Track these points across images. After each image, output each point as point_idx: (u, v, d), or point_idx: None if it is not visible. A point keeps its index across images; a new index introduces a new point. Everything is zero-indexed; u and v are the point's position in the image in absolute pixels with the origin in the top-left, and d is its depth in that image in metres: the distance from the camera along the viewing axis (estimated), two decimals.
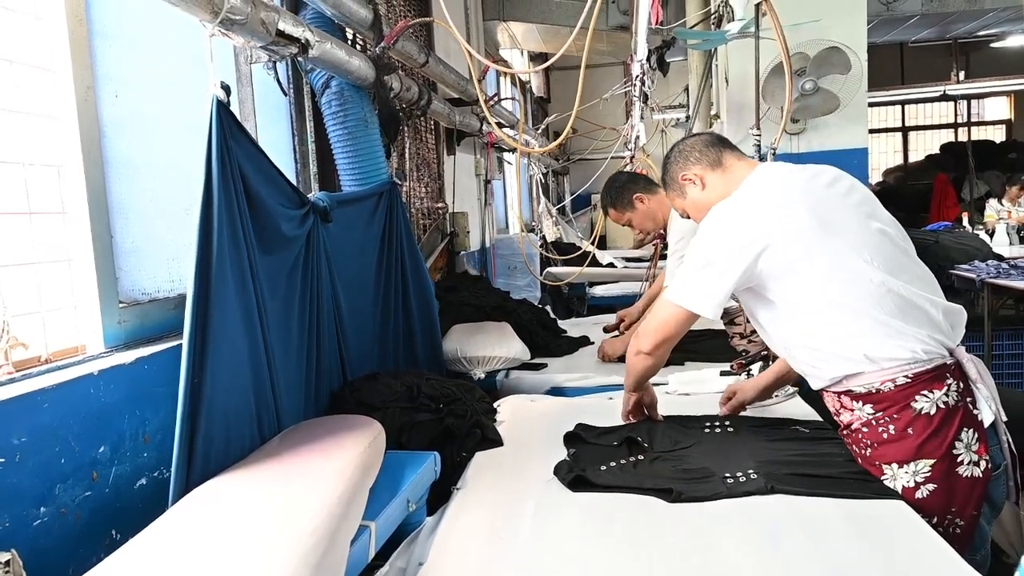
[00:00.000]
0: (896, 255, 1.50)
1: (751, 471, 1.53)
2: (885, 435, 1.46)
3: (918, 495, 1.42)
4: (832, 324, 1.47)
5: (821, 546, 1.28)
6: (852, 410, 1.51)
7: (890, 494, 1.43)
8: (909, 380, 1.42)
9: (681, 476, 1.56)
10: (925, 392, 1.42)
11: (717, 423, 1.87)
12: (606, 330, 3.26)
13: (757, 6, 2.64)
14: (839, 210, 1.51)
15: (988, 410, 1.46)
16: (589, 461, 1.67)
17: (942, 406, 1.42)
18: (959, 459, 1.41)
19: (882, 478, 1.46)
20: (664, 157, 1.81)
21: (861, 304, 1.44)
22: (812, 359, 1.54)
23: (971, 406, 1.45)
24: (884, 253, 1.48)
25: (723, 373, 2.27)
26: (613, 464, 1.65)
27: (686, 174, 1.71)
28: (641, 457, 1.68)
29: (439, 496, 1.70)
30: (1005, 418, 1.48)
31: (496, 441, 1.94)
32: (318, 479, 1.36)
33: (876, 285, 1.44)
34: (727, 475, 1.53)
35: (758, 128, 3.04)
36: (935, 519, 1.41)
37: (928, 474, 1.41)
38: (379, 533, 1.41)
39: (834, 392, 1.55)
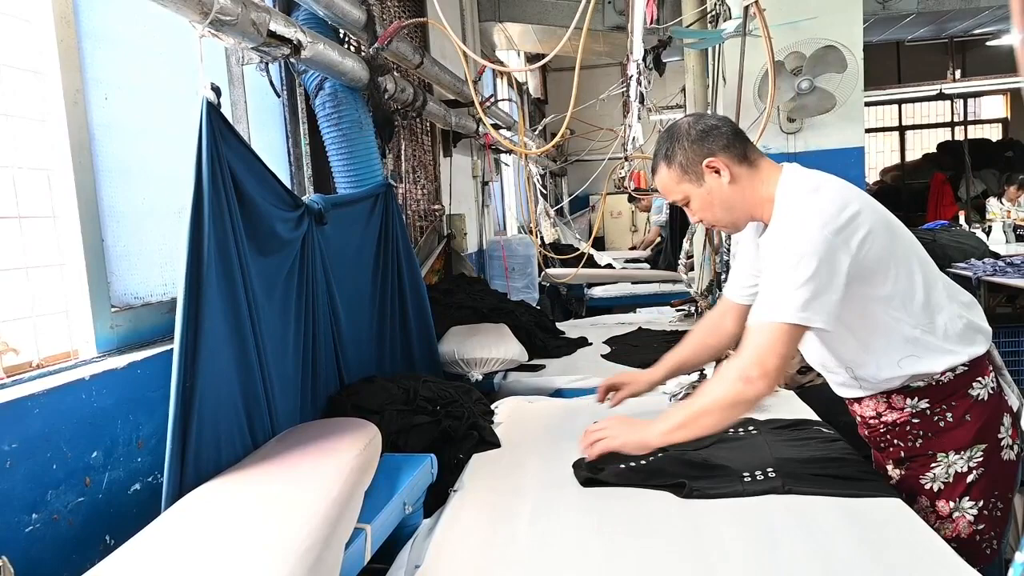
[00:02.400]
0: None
1: (769, 469, 1.51)
2: (942, 423, 1.43)
3: (969, 479, 1.42)
4: (923, 319, 1.40)
5: (819, 545, 1.27)
6: (902, 408, 1.46)
7: (891, 493, 1.44)
8: (967, 368, 1.41)
9: (699, 470, 1.53)
10: (979, 379, 1.42)
11: (741, 428, 1.80)
12: None
13: (746, 8, 2.63)
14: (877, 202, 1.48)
15: (1013, 395, 1.47)
16: (609, 459, 1.62)
17: (992, 392, 1.42)
18: (1002, 443, 1.42)
19: (933, 467, 1.44)
20: (673, 129, 1.52)
21: (946, 297, 1.42)
22: (887, 368, 1.44)
23: (1003, 392, 1.46)
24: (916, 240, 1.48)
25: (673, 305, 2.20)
26: (632, 464, 1.61)
27: (713, 161, 1.45)
28: (660, 455, 1.62)
29: (437, 498, 1.69)
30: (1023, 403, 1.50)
31: (493, 443, 1.93)
32: (313, 482, 1.35)
33: (944, 280, 1.44)
34: (745, 474, 1.51)
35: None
36: (982, 503, 1.42)
37: (981, 459, 1.41)
38: (375, 536, 1.40)
39: (882, 394, 1.48)
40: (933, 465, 1.45)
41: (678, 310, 4.20)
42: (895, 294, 1.38)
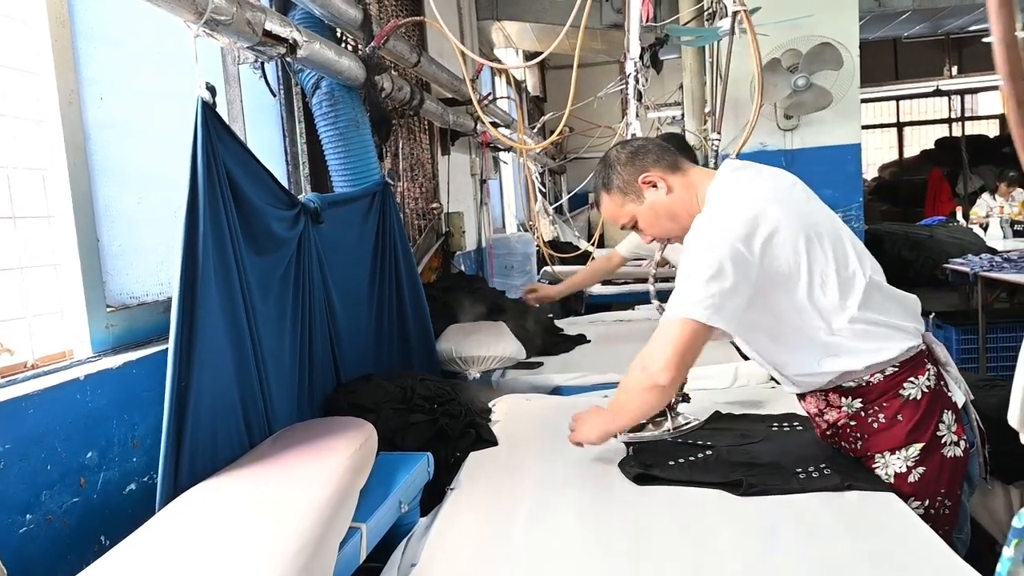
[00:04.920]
0: (862, 249, 1.50)
1: (823, 466, 1.50)
2: (875, 424, 1.46)
3: (910, 479, 1.43)
4: (832, 328, 1.43)
5: (813, 539, 1.27)
6: (839, 407, 1.50)
7: (883, 486, 1.43)
8: (896, 369, 1.43)
9: (751, 468, 1.53)
10: (912, 379, 1.43)
11: (786, 423, 1.81)
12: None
13: (734, 14, 2.63)
14: (814, 209, 1.49)
15: (959, 391, 1.48)
16: (656, 457, 1.63)
17: (926, 391, 1.43)
18: (943, 440, 1.43)
19: (874, 467, 1.46)
20: (606, 159, 1.63)
21: (858, 303, 1.41)
22: (809, 366, 1.49)
23: (945, 388, 1.47)
24: (856, 247, 1.48)
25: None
26: (681, 460, 1.61)
27: (648, 176, 1.55)
28: (709, 453, 1.63)
29: (434, 497, 1.69)
30: (973, 397, 1.51)
31: (491, 441, 1.93)
32: (307, 481, 1.35)
33: (867, 282, 1.43)
34: (799, 470, 1.50)
35: (718, 132, 3.03)
36: (927, 501, 1.42)
37: (918, 458, 1.42)
38: (371, 535, 1.40)
39: (820, 392, 1.52)
40: (874, 466, 1.46)
41: None
42: (807, 300, 1.42)
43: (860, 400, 1.47)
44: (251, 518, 1.22)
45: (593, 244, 5.73)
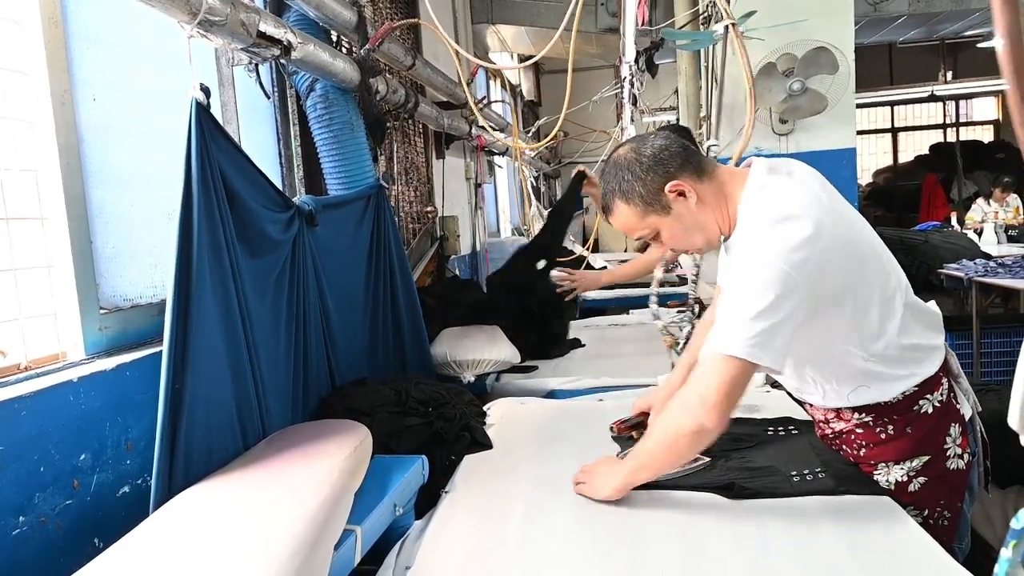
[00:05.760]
0: (889, 256, 1.42)
1: (818, 470, 1.49)
2: (883, 435, 1.43)
3: (910, 488, 1.41)
4: (868, 353, 1.36)
5: (810, 544, 1.27)
6: (849, 420, 1.47)
7: (881, 491, 1.43)
8: (917, 388, 1.40)
9: (745, 472, 1.51)
10: (927, 395, 1.40)
11: (780, 427, 1.78)
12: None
13: (726, 27, 2.65)
14: (851, 216, 1.38)
15: (967, 403, 1.46)
16: None
17: (938, 405, 1.41)
18: (948, 453, 1.41)
19: (874, 474, 1.45)
20: (619, 161, 1.41)
21: (896, 328, 1.35)
22: (835, 401, 1.45)
23: (955, 401, 1.45)
24: (886, 257, 1.40)
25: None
26: None
27: (676, 184, 1.35)
28: (707, 459, 1.59)
29: (428, 500, 1.68)
30: (980, 409, 1.49)
31: (485, 444, 1.93)
32: (301, 484, 1.34)
33: (905, 304, 1.37)
34: (793, 473, 1.48)
35: (716, 138, 3.03)
36: (926, 512, 1.41)
37: (920, 469, 1.41)
38: (365, 537, 1.40)
39: (832, 408, 1.49)
40: (875, 473, 1.45)
41: (679, 311, 4.15)
42: (850, 326, 1.34)
43: (872, 415, 1.44)
44: (245, 521, 1.22)
45: (588, 249, 5.73)
